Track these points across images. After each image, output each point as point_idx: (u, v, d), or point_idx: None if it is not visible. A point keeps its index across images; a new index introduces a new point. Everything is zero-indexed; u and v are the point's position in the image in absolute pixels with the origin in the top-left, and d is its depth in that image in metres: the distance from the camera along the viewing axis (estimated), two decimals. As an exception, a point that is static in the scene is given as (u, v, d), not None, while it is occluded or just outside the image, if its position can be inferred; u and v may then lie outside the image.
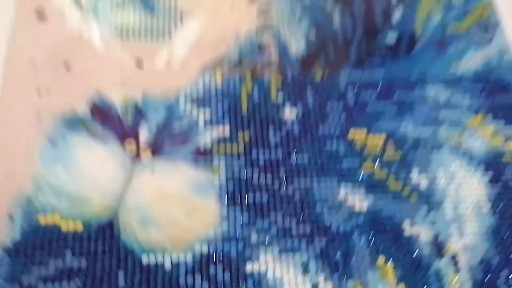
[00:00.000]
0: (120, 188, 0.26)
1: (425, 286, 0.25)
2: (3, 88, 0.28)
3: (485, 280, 0.26)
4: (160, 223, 0.25)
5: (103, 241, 0.25)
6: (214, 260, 0.25)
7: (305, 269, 0.25)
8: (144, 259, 0.25)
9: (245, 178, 0.27)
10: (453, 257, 0.26)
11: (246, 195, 0.27)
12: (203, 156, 0.28)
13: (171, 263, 0.25)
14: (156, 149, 0.27)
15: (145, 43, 0.31)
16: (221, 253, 0.25)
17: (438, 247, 0.27)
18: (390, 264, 0.26)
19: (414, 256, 0.26)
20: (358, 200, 0.27)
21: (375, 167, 0.28)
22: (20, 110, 0.28)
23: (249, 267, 0.25)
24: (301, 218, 0.27)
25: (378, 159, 0.28)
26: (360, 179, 0.28)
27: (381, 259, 0.26)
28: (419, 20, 0.34)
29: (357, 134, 0.29)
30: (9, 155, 0.26)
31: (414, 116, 0.30)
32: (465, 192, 0.28)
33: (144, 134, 0.28)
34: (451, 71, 0.32)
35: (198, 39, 0.31)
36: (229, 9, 0.33)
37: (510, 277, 0.26)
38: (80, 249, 0.24)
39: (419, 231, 0.27)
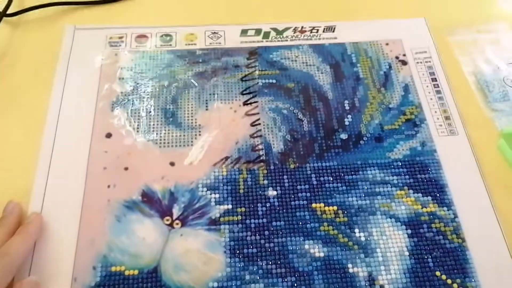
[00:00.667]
0: (161, 247, 0.39)
1: (361, 307, 0.38)
2: (87, 184, 0.43)
3: None
4: (187, 269, 0.39)
5: (151, 281, 0.38)
6: (221, 292, 0.38)
7: None
8: None
9: (241, 238, 0.41)
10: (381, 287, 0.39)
11: (242, 249, 0.40)
12: (214, 224, 0.41)
13: None
14: (183, 221, 0.41)
15: (176, 149, 0.45)
16: (225, 287, 0.38)
17: (371, 281, 0.39)
18: (337, 293, 0.39)
19: (354, 287, 0.39)
20: (317, 250, 0.40)
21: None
22: (98, 199, 0.42)
23: None
24: (278, 263, 0.39)
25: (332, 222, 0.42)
26: (319, 236, 0.41)
27: None
28: (363, 123, 0.48)
29: (317, 206, 0.43)
30: (91, 228, 0.41)
31: (357, 191, 0.43)
32: (391, 243, 0.41)
33: (176, 211, 0.42)
34: (385, 158, 0.45)
35: (210, 145, 0.45)
36: (231, 122, 0.47)
37: (420, 300, 0.38)
38: (137, 286, 0.38)
39: (358, 270, 0.39)
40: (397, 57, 0.53)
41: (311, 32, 0.54)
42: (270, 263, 0.39)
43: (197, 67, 0.51)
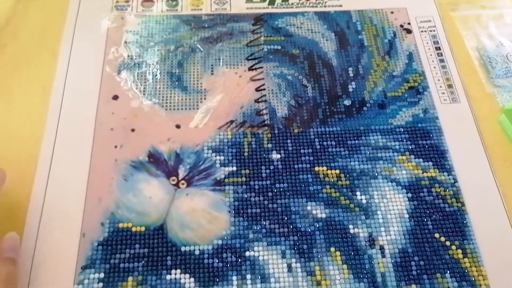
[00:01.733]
0: (167, 205, 0.41)
1: (361, 265, 0.39)
2: (94, 145, 0.44)
3: (401, 263, 0.39)
4: (192, 227, 0.40)
5: (157, 238, 0.39)
6: (226, 249, 0.39)
7: (283, 255, 0.39)
8: (182, 249, 0.39)
9: (245, 198, 0.42)
10: (381, 248, 0.39)
11: (246, 209, 0.41)
12: (218, 185, 0.42)
13: (199, 251, 0.39)
14: (189, 181, 0.42)
15: (181, 112, 0.46)
16: (230, 245, 0.39)
17: (371, 241, 0.40)
18: (338, 252, 0.40)
19: (354, 247, 0.40)
20: (319, 212, 0.41)
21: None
22: (105, 159, 0.43)
23: (247, 254, 0.39)
24: (281, 223, 0.40)
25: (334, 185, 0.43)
26: (321, 198, 0.42)
27: (332, 249, 0.39)
28: (367, 90, 0.48)
29: (320, 169, 0.44)
30: (99, 187, 0.42)
31: (360, 156, 0.44)
32: (391, 206, 0.42)
33: (182, 172, 0.43)
34: (387, 125, 0.46)
35: (215, 108, 0.46)
36: (236, 87, 0.48)
37: (418, 260, 0.39)
38: (144, 242, 0.39)
39: (359, 231, 0.40)
40: (401, 26, 0.53)
41: (316, 0, 0.54)
42: (273, 222, 0.41)
43: (202, 32, 0.51)
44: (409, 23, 0.53)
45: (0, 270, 0.34)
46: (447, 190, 0.42)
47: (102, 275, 0.37)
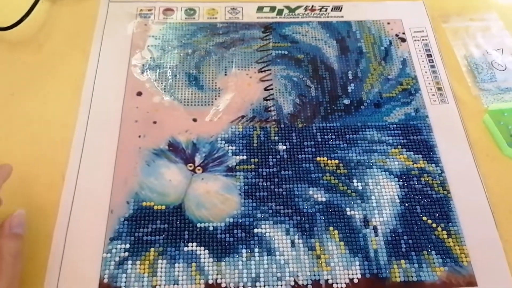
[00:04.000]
0: (184, 188, 0.45)
1: (356, 243, 0.44)
2: (120, 135, 0.49)
3: (392, 241, 0.44)
4: (207, 206, 0.44)
5: (176, 215, 0.44)
6: (236, 226, 0.44)
7: (287, 232, 0.44)
8: (198, 225, 0.44)
9: (254, 183, 0.47)
10: (374, 228, 0.44)
11: (255, 192, 0.46)
12: (230, 171, 0.47)
13: (213, 227, 0.44)
14: (204, 167, 0.47)
15: (198, 107, 0.51)
16: (240, 222, 0.44)
17: (366, 222, 0.44)
18: (336, 230, 0.44)
19: (351, 226, 0.45)
20: (320, 196, 0.46)
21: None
22: (130, 146, 0.48)
23: (255, 230, 0.43)
24: (286, 205, 0.45)
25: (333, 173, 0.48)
26: (321, 184, 0.47)
27: (331, 228, 0.44)
28: (364, 91, 0.54)
29: (321, 159, 0.49)
30: (125, 170, 0.47)
31: (357, 148, 0.49)
32: (384, 192, 0.46)
33: (198, 159, 0.48)
34: (382, 122, 0.51)
35: (228, 105, 0.51)
36: (247, 86, 0.53)
37: (407, 239, 0.44)
38: (164, 218, 0.44)
39: (355, 213, 0.45)
40: (397, 35, 0.58)
41: (320, 11, 0.60)
42: (278, 204, 0.45)
43: (217, 38, 0.57)
44: (403, 33, 0.59)
45: (10, 246, 0.37)
46: (435, 179, 0.47)
47: (127, 245, 0.42)
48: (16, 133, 0.49)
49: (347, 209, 0.45)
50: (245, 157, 0.48)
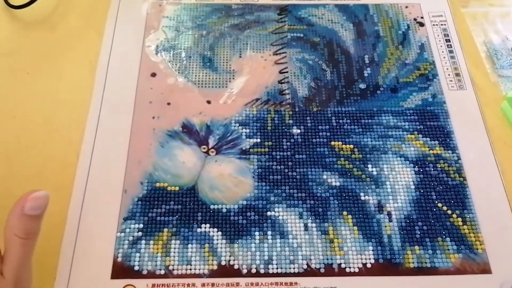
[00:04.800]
0: (198, 169, 0.45)
1: (370, 228, 0.44)
2: (134, 116, 0.49)
3: (406, 227, 0.43)
4: (220, 189, 0.45)
5: (189, 196, 0.44)
6: (249, 209, 0.44)
7: (301, 216, 0.43)
8: (211, 207, 0.44)
9: (268, 166, 0.46)
10: (388, 214, 0.44)
11: (269, 175, 0.46)
12: (244, 154, 0.47)
13: (226, 209, 0.44)
14: (218, 150, 0.47)
15: (212, 89, 0.51)
16: (253, 205, 0.44)
17: (380, 207, 0.44)
18: (350, 215, 0.44)
19: (365, 211, 0.44)
20: (334, 180, 0.46)
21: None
22: (144, 128, 0.48)
23: (269, 213, 0.43)
24: (299, 188, 0.45)
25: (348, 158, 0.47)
26: (336, 169, 0.47)
27: (345, 213, 0.44)
28: (381, 75, 0.53)
29: (336, 144, 0.48)
30: (139, 151, 0.47)
31: (372, 133, 0.49)
32: (399, 177, 0.46)
33: (212, 141, 0.47)
34: (398, 107, 0.51)
35: (242, 87, 0.51)
36: (262, 69, 0.53)
37: (421, 225, 0.44)
38: (177, 200, 0.44)
39: (369, 198, 0.45)
40: (415, 19, 0.57)
41: (337, -7, 0.59)
42: (292, 188, 0.45)
43: (232, 19, 0.56)
44: (422, 17, 0.58)
45: (20, 227, 0.33)
46: (451, 166, 0.47)
47: (141, 225, 0.43)
48: (31, 112, 0.49)
49: (361, 194, 0.45)
50: (259, 140, 0.48)
